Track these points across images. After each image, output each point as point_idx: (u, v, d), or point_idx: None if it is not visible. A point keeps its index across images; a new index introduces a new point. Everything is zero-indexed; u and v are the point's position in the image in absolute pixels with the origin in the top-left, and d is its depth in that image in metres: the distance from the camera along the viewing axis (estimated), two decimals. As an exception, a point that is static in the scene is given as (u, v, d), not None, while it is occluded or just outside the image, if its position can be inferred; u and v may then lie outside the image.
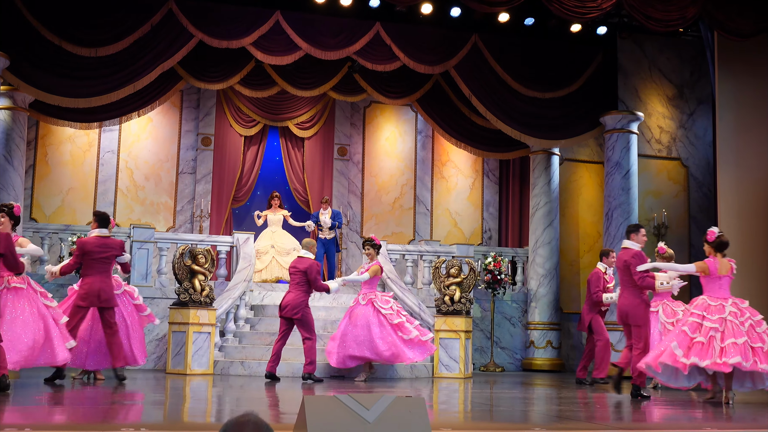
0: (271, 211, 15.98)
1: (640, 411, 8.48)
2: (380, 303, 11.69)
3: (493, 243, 18.18)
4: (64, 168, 16.35)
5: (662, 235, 15.62)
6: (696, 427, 6.80)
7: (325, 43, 14.52)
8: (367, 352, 11.48)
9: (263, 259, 15.30)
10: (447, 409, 8.45)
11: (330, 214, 15.79)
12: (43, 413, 6.94)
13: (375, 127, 18.39)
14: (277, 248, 15.41)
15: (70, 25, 13.41)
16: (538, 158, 16.16)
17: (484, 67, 15.18)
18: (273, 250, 15.39)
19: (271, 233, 15.68)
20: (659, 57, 16.25)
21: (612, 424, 7.10)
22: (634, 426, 7.19)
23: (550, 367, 15.15)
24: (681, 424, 7.25)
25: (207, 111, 17.28)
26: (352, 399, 4.34)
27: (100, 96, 13.74)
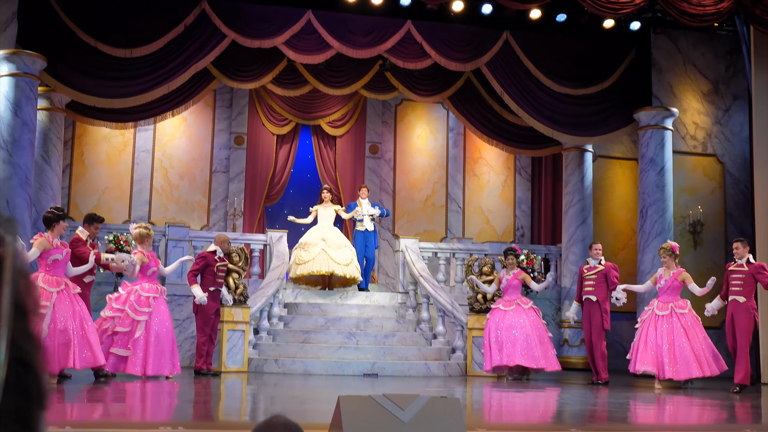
0: (322, 206, 15.20)
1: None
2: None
3: (525, 240, 18.12)
4: (100, 167, 16.51)
5: (698, 233, 15.50)
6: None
7: (357, 41, 14.54)
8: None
9: (310, 251, 14.41)
10: (481, 408, 8.45)
11: (369, 203, 15.30)
12: (80, 411, 7.03)
13: (406, 125, 18.39)
14: (327, 241, 14.46)
15: (105, 26, 13.53)
16: (571, 155, 16.09)
17: (516, 63, 15.13)
18: (323, 243, 14.44)
19: (321, 229, 14.80)
20: (694, 52, 16.11)
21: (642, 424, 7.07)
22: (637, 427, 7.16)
23: (584, 365, 15.06)
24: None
25: (240, 110, 17.37)
26: (387, 399, 4.37)
27: (135, 96, 13.86)
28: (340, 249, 14.46)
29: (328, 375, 11.89)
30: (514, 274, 12.35)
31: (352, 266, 14.42)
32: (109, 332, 10.26)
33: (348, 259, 14.41)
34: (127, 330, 10.28)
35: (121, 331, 10.27)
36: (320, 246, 14.40)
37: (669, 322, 11.21)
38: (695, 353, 11.07)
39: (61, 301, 8.98)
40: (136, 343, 10.20)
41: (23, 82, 12.86)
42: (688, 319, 11.24)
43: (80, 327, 9.08)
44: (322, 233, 14.65)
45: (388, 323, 13.84)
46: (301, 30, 14.26)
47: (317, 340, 13.01)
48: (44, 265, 9.10)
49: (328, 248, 14.38)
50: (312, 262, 14.25)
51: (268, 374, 11.83)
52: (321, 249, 14.36)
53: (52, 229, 9.26)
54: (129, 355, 10.18)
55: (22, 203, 12.68)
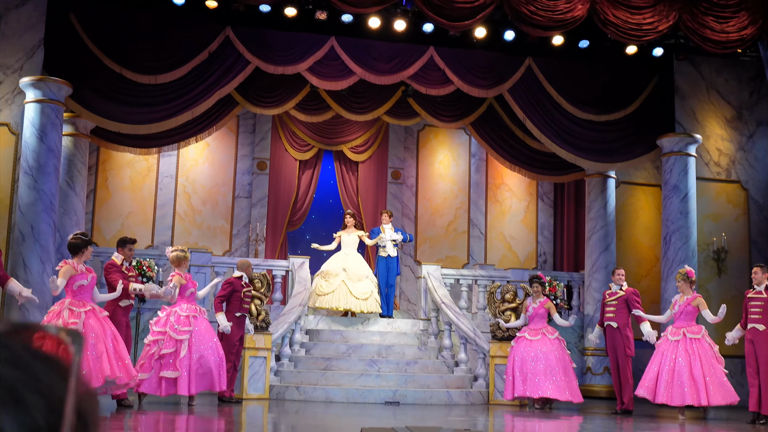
0: (345, 231, 15.08)
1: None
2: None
3: (548, 267, 18.06)
4: (123, 193, 16.61)
5: (722, 260, 15.40)
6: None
7: (379, 68, 14.59)
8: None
9: (331, 282, 14.36)
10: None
11: (392, 228, 15.20)
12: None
13: (429, 151, 18.41)
14: (348, 272, 14.42)
15: (130, 53, 13.65)
16: (593, 181, 16.03)
17: (539, 90, 15.13)
18: (344, 274, 14.40)
19: (344, 256, 14.75)
20: (717, 78, 16.05)
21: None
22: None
23: (608, 393, 14.94)
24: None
25: (263, 135, 17.45)
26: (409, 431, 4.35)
27: (159, 122, 13.96)
28: (360, 281, 14.40)
29: (349, 402, 11.85)
30: (540, 303, 12.27)
31: (371, 300, 14.38)
32: (156, 356, 10.31)
33: (367, 292, 14.37)
34: (172, 351, 10.32)
35: (167, 353, 10.32)
36: (341, 277, 14.33)
37: (677, 347, 11.11)
38: (695, 380, 10.91)
39: (89, 319, 9.04)
40: (182, 363, 10.24)
41: (49, 108, 12.98)
42: (699, 345, 11.10)
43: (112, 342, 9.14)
44: (345, 262, 14.57)
45: (409, 350, 13.80)
46: (324, 56, 14.32)
47: (339, 367, 12.98)
48: (70, 291, 9.16)
49: (348, 280, 14.32)
50: (331, 296, 14.21)
51: (290, 401, 11.81)
52: (341, 281, 14.30)
53: (78, 255, 9.30)
54: (178, 376, 10.21)
55: (47, 228, 12.76)
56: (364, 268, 14.76)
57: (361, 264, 14.79)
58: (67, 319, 8.88)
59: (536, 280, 12.47)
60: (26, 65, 13.29)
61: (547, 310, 12.28)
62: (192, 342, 10.37)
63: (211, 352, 10.47)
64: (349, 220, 15.10)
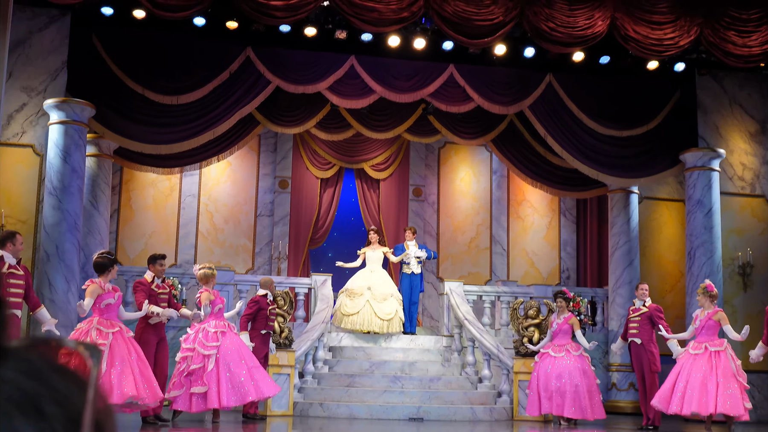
0: (370, 248, 15.04)
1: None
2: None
3: (571, 283, 17.99)
4: (146, 212, 16.71)
5: (747, 275, 15.28)
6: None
7: (399, 86, 14.62)
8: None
9: (356, 302, 14.36)
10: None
11: (416, 245, 15.25)
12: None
13: (450, 168, 18.43)
14: (373, 291, 14.41)
15: (152, 74, 13.76)
16: (616, 197, 15.97)
17: (559, 106, 15.12)
18: (369, 293, 14.39)
19: (369, 273, 14.72)
20: (739, 93, 15.97)
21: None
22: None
23: (633, 409, 14.81)
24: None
25: (284, 154, 17.53)
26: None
27: (181, 142, 14.04)
28: (385, 300, 14.38)
29: (373, 419, 11.83)
30: (565, 319, 12.20)
31: (395, 320, 14.39)
32: (185, 373, 10.36)
33: (392, 312, 14.36)
34: (200, 366, 10.36)
35: (195, 368, 10.36)
36: (366, 297, 14.32)
37: (696, 360, 11.02)
38: (706, 390, 10.79)
39: (117, 342, 9.06)
40: (209, 378, 10.27)
41: (72, 130, 13.09)
42: (718, 358, 11.01)
43: (137, 363, 9.16)
44: (369, 280, 14.55)
45: (433, 367, 13.77)
46: (344, 75, 14.37)
47: (362, 383, 12.97)
48: (97, 309, 9.19)
49: (373, 300, 14.31)
50: (356, 317, 14.25)
51: (313, 418, 11.80)
52: (366, 300, 14.29)
53: (104, 274, 9.34)
54: (206, 391, 10.25)
55: (71, 248, 12.85)
56: (390, 285, 14.74)
57: (386, 281, 14.77)
58: (95, 338, 8.92)
59: (560, 295, 12.40)
60: (50, 87, 13.42)
61: (571, 325, 12.21)
62: (219, 357, 10.39)
63: (241, 365, 10.45)
64: (374, 237, 15.11)
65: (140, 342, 9.94)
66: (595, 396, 11.89)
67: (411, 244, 15.16)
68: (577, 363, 11.87)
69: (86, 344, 0.70)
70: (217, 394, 10.26)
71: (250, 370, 10.48)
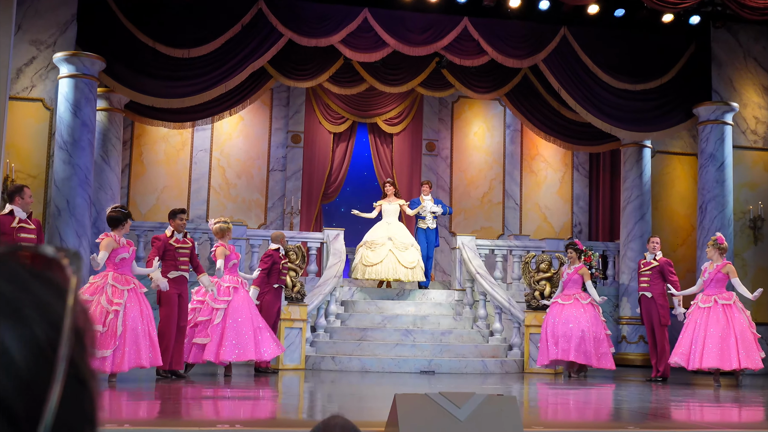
0: (386, 200, 14.97)
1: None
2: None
3: (583, 237, 17.97)
4: (158, 167, 16.72)
5: (758, 228, 15.23)
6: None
7: (413, 39, 14.53)
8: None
9: (378, 252, 14.27)
10: (538, 406, 8.40)
11: (432, 200, 15.24)
12: (138, 409, 7.12)
13: (463, 122, 18.35)
14: (394, 241, 14.34)
15: (163, 27, 13.70)
16: (629, 151, 15.90)
17: (574, 59, 15.00)
18: (390, 243, 14.31)
19: (386, 225, 14.66)
20: (754, 46, 15.80)
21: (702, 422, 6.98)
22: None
23: (643, 362, 14.88)
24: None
25: (296, 109, 17.48)
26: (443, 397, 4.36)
27: (192, 96, 14.00)
28: (407, 249, 14.35)
29: (384, 372, 11.91)
30: (575, 269, 12.23)
31: (417, 269, 14.38)
32: (192, 323, 10.46)
33: (414, 261, 14.36)
34: (207, 319, 10.47)
35: (202, 320, 10.47)
36: (387, 246, 14.26)
37: (709, 314, 11.06)
38: (726, 345, 10.85)
39: (131, 301, 9.09)
40: (214, 330, 10.37)
41: (82, 83, 13.07)
42: (730, 311, 11.04)
43: (146, 327, 9.21)
44: (389, 231, 14.50)
45: (444, 320, 13.82)
46: (357, 28, 14.28)
47: (374, 337, 13.04)
48: (112, 264, 9.20)
49: (395, 249, 14.26)
50: (380, 266, 14.19)
51: (326, 371, 11.88)
52: (389, 250, 14.23)
53: (118, 228, 9.34)
54: (207, 342, 10.36)
55: (82, 203, 12.89)
56: (409, 236, 14.69)
57: (405, 232, 14.71)
58: (111, 296, 8.95)
59: (572, 246, 12.43)
60: (59, 40, 13.38)
61: (581, 276, 12.22)
62: (228, 312, 10.47)
63: (249, 323, 10.54)
64: (389, 189, 15.04)
65: (162, 297, 10.00)
66: (604, 345, 11.92)
67: (427, 198, 15.14)
68: (585, 311, 11.91)
69: (67, 251, 0.70)
70: (217, 348, 10.34)
71: (255, 330, 10.58)
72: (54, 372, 0.62)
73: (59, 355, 0.63)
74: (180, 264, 10.19)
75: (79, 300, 0.67)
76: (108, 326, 8.80)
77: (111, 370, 8.83)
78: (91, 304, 8.89)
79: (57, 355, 0.63)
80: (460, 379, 11.17)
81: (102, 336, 8.76)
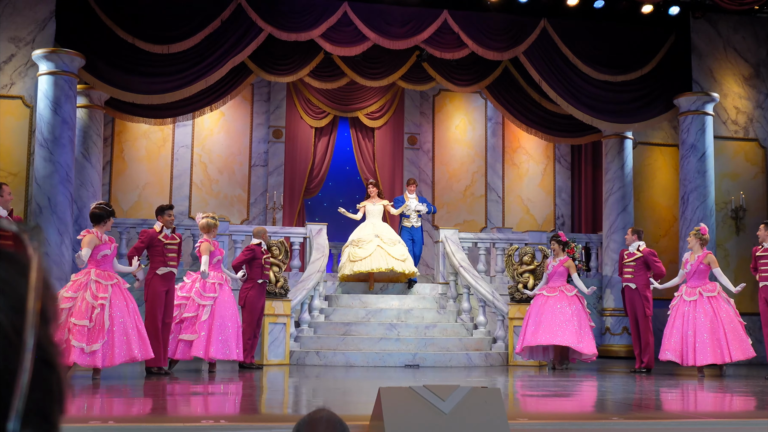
0: (369, 201, 14.71)
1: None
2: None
3: (566, 229, 18.01)
4: (139, 164, 16.65)
5: (740, 219, 15.31)
6: None
7: (393, 32, 14.51)
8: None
9: (366, 247, 14.02)
10: (522, 398, 8.41)
11: (417, 198, 15.07)
12: (123, 406, 7.09)
13: (444, 116, 18.35)
14: (382, 238, 14.10)
15: (142, 23, 13.63)
16: (610, 142, 15.95)
17: (554, 51, 15.03)
18: (378, 240, 14.06)
19: (372, 225, 14.37)
20: (734, 36, 15.88)
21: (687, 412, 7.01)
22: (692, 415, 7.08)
23: (627, 353, 14.95)
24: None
25: (278, 104, 17.43)
26: (427, 390, 4.36)
27: (173, 92, 13.95)
28: (395, 245, 14.13)
29: (369, 366, 11.91)
30: (560, 261, 12.25)
31: (409, 261, 14.14)
32: (177, 320, 10.46)
33: (404, 254, 14.14)
34: (193, 315, 10.46)
35: (188, 316, 10.46)
36: (375, 242, 14.02)
37: (695, 307, 11.10)
38: (717, 339, 10.91)
39: (115, 296, 9.08)
40: (201, 327, 10.38)
41: (62, 80, 13.00)
42: (716, 303, 11.09)
43: (134, 321, 9.18)
44: (375, 229, 14.26)
45: (428, 314, 13.83)
46: (337, 22, 14.25)
47: (358, 332, 13.03)
48: (94, 260, 9.17)
49: (383, 244, 14.01)
50: (369, 259, 13.88)
51: (310, 366, 11.87)
52: (377, 245, 13.98)
53: (100, 225, 9.31)
54: (195, 339, 10.36)
55: (64, 200, 12.82)
56: (395, 234, 14.49)
57: (391, 231, 14.50)
58: (95, 291, 8.92)
59: (555, 239, 12.45)
60: (38, 37, 13.30)
61: (567, 268, 12.25)
62: (214, 308, 10.48)
63: (232, 322, 10.58)
64: (372, 190, 14.80)
65: (149, 292, 9.98)
66: (588, 333, 11.93)
67: (411, 197, 15.00)
68: (570, 303, 11.93)
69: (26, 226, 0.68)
70: (206, 344, 10.36)
71: (237, 329, 10.61)
72: (21, 359, 0.61)
73: (25, 341, 0.62)
74: (168, 260, 10.18)
75: (41, 277, 0.66)
76: (95, 321, 8.78)
77: (102, 364, 8.81)
78: (76, 301, 8.87)
79: (23, 340, 0.62)
80: (444, 372, 11.18)
81: (90, 331, 8.75)
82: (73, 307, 8.86)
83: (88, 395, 7.58)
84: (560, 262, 12.22)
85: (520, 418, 5.47)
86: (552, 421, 5.60)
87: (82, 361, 8.73)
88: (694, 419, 5.87)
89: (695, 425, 5.54)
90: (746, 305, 13.85)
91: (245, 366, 11.25)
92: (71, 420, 5.56)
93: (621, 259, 12.56)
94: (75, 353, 8.66)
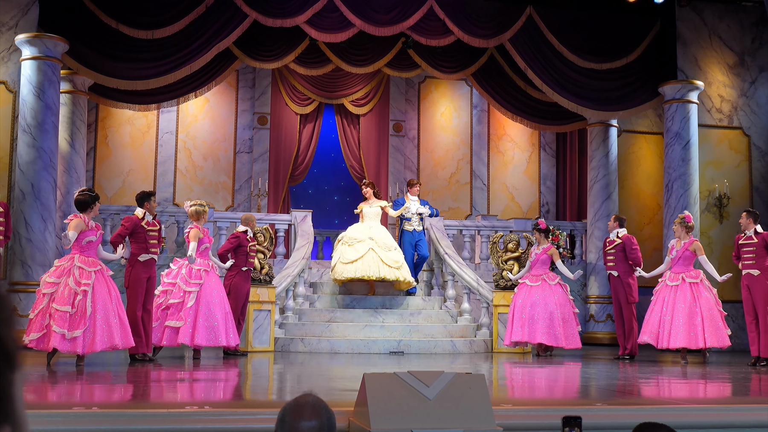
0: (366, 203, 14.01)
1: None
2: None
3: (551, 216, 18.05)
4: (124, 150, 16.57)
5: (724, 206, 15.37)
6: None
7: (379, 19, 14.46)
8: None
9: (358, 248, 13.31)
10: (506, 384, 8.44)
11: (418, 200, 14.38)
12: (107, 392, 7.07)
13: (430, 103, 18.32)
14: (376, 241, 13.35)
15: (126, 8, 13.54)
16: (595, 130, 15.97)
17: (540, 39, 15.02)
18: (371, 242, 13.30)
19: (368, 228, 13.63)
20: (719, 25, 15.91)
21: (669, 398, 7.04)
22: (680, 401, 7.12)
23: (611, 340, 15.01)
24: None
25: (263, 90, 17.36)
26: (412, 376, 4.36)
27: (157, 78, 13.87)
28: (389, 251, 13.39)
29: (354, 353, 11.91)
30: (544, 249, 12.29)
31: (404, 270, 13.43)
32: (163, 306, 10.45)
33: (399, 261, 13.43)
34: (179, 302, 10.45)
35: (174, 303, 10.45)
36: (368, 244, 13.30)
37: (676, 292, 11.19)
38: (693, 324, 10.99)
39: (99, 282, 9.04)
40: (186, 313, 10.37)
41: (45, 66, 12.91)
42: (697, 290, 11.18)
43: (116, 309, 9.15)
44: (370, 232, 13.56)
45: (413, 301, 13.83)
46: (323, 8, 14.19)
47: (343, 318, 13.03)
48: (78, 246, 9.12)
49: (377, 248, 13.28)
50: (360, 263, 13.20)
51: (295, 353, 11.87)
52: (369, 248, 13.26)
53: (86, 211, 9.26)
54: (181, 325, 10.35)
55: (47, 186, 12.75)
56: (391, 239, 13.77)
57: (387, 235, 13.79)
58: (78, 277, 8.89)
59: (536, 227, 12.48)
60: (21, 22, 13.20)
61: (550, 256, 12.28)
62: (201, 295, 10.48)
63: (219, 308, 10.57)
64: (367, 191, 14.05)
65: (130, 279, 9.96)
66: (572, 325, 12.00)
67: (413, 199, 14.38)
68: (553, 292, 11.97)
69: None
70: (192, 331, 10.36)
71: (225, 315, 10.60)
72: None
73: None
74: (150, 246, 10.15)
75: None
76: (77, 307, 8.76)
77: (83, 350, 8.78)
78: (59, 287, 8.84)
79: None
80: (429, 359, 11.20)
81: (72, 317, 8.72)
82: (56, 292, 8.83)
83: (71, 381, 7.56)
84: (543, 250, 12.26)
85: (504, 404, 5.49)
86: (536, 407, 5.61)
87: (62, 347, 8.70)
88: (676, 405, 5.90)
89: (677, 411, 5.57)
90: (729, 293, 13.92)
91: (230, 353, 11.24)
92: (54, 406, 5.54)
93: (604, 247, 12.63)
94: (56, 339, 8.65)
